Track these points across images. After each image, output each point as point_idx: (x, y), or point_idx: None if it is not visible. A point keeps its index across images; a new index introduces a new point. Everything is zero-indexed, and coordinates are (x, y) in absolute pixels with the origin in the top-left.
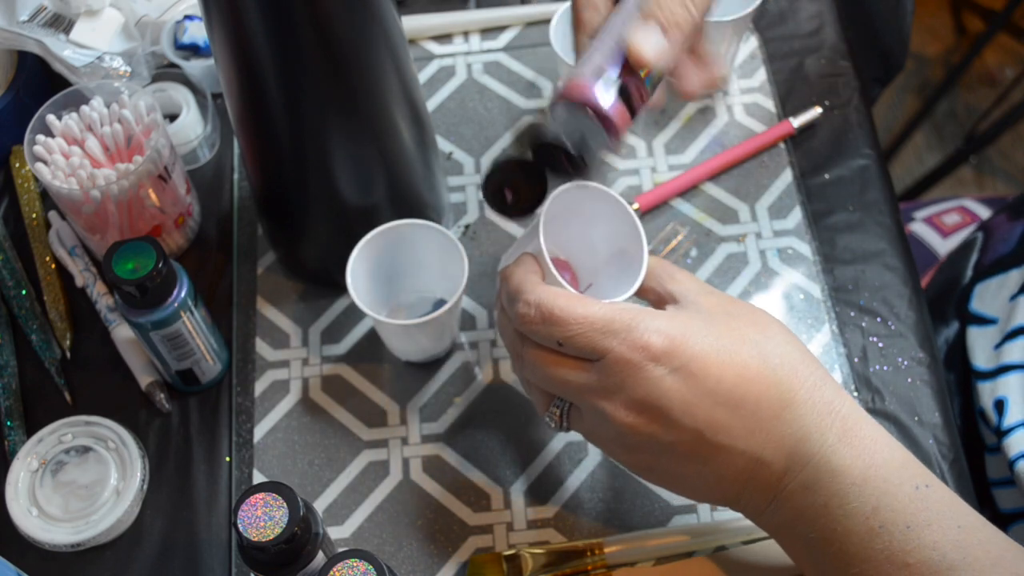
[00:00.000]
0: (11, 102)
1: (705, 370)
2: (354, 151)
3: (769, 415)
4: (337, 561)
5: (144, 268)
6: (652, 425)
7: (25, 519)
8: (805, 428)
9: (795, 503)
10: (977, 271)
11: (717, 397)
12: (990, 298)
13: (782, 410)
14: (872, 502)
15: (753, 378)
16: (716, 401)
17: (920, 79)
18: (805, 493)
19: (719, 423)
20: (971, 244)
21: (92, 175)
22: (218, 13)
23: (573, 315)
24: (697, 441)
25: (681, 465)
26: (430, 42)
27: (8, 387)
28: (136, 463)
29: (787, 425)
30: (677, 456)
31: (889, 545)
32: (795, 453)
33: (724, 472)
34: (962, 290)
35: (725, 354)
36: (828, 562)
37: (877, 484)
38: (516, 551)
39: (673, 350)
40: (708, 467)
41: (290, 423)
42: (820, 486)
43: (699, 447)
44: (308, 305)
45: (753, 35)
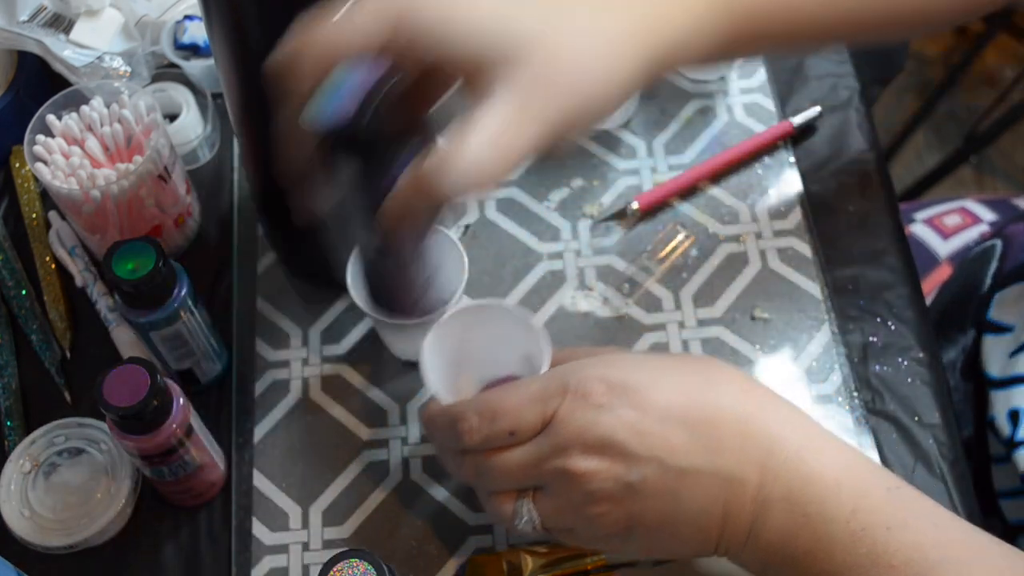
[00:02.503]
0: (11, 102)
1: (649, 399)
2: None
3: (730, 431)
4: (337, 561)
5: (144, 268)
6: (614, 466)
7: (17, 521)
8: (769, 438)
9: (776, 519)
10: (996, 280)
11: (669, 420)
12: (1008, 306)
13: (742, 424)
14: (850, 505)
15: (703, 400)
16: (670, 424)
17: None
18: (784, 505)
19: (677, 446)
20: (990, 252)
21: (92, 175)
22: (218, 13)
23: (512, 401)
24: (662, 471)
25: (657, 507)
26: None
27: (8, 387)
28: (128, 465)
29: (750, 438)
30: (649, 498)
31: (873, 548)
32: (766, 465)
33: (700, 502)
34: (980, 299)
35: (667, 382)
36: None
37: (852, 486)
38: (516, 551)
39: (612, 389)
40: (683, 502)
41: (290, 423)
42: (797, 495)
43: (665, 478)
44: (308, 305)
45: None
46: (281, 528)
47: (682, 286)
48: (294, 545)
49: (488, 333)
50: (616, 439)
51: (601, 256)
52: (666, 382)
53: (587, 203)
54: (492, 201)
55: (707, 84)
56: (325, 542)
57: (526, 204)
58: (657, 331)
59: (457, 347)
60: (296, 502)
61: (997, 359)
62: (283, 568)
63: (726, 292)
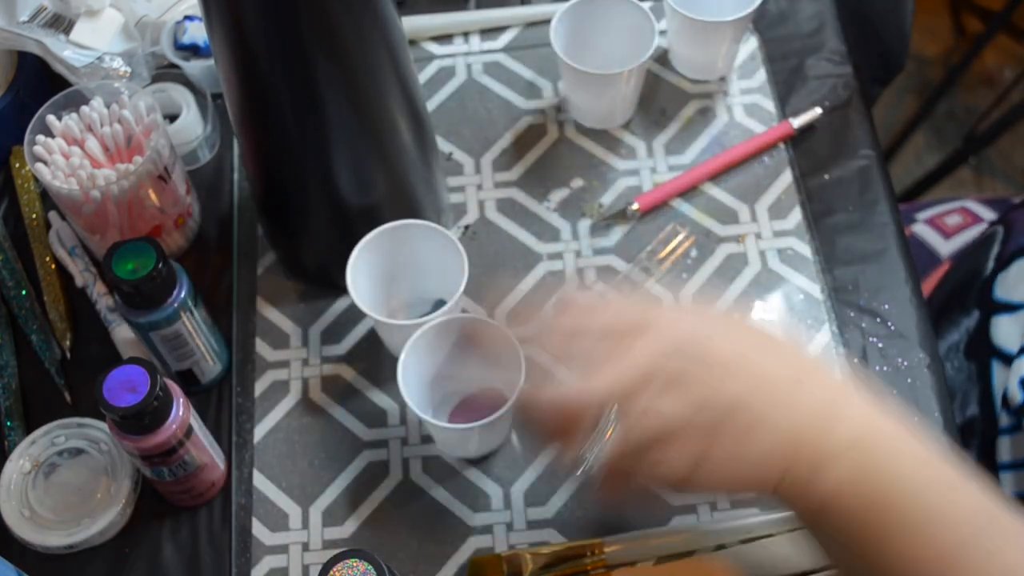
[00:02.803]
0: (11, 102)
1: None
2: (354, 151)
3: (799, 385)
4: (337, 561)
5: (144, 268)
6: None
7: (17, 521)
8: (835, 394)
9: (841, 469)
10: (999, 263)
11: (742, 373)
12: (1012, 284)
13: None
14: (914, 462)
15: (773, 355)
16: (742, 377)
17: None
18: (850, 457)
19: (749, 399)
20: (991, 237)
21: (92, 175)
22: (218, 13)
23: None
24: (732, 419)
25: (723, 450)
26: (430, 42)
27: (8, 387)
28: (127, 465)
29: (819, 390)
30: (717, 440)
31: (933, 503)
32: (833, 420)
33: (766, 449)
34: (984, 281)
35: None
36: (874, 528)
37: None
38: (516, 551)
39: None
40: (749, 448)
41: (290, 423)
42: (864, 448)
43: (735, 425)
44: (308, 305)
45: (753, 35)
46: (281, 528)
47: (682, 286)
48: (294, 545)
49: (466, 346)
50: (693, 382)
51: (601, 256)
52: (739, 335)
53: (587, 203)
54: (492, 201)
55: (707, 84)
56: (325, 542)
57: (526, 204)
58: None
59: (434, 360)
60: (296, 502)
61: (1008, 336)
62: (283, 568)
63: (726, 292)
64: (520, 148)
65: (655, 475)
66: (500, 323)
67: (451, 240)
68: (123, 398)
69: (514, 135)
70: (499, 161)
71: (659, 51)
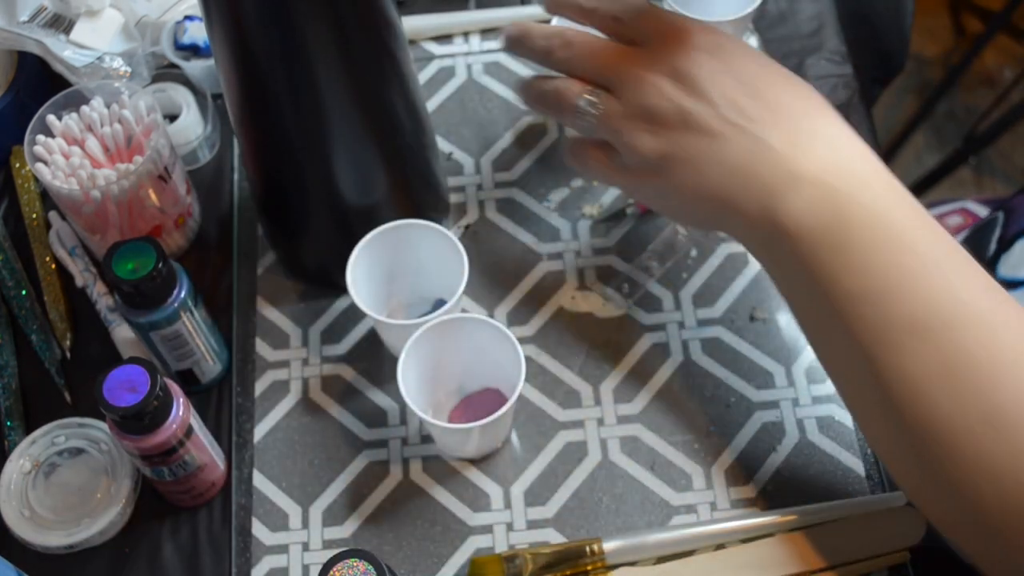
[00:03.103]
0: (11, 102)
1: (741, 64)
2: (354, 151)
3: (788, 113)
4: (337, 561)
5: (144, 268)
6: (680, 91)
7: (17, 521)
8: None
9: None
10: (1001, 243)
11: (745, 85)
12: (1016, 262)
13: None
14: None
15: (783, 86)
16: (742, 87)
17: (920, 79)
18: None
19: (738, 103)
20: (992, 223)
21: (92, 175)
22: (218, 13)
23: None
24: (714, 115)
25: (696, 142)
26: (430, 42)
27: (8, 387)
28: (127, 465)
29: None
30: (694, 131)
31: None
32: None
33: (733, 154)
34: (986, 262)
35: (762, 63)
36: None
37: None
38: (516, 551)
39: (718, 43)
40: (719, 146)
41: (290, 423)
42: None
43: (715, 121)
44: (308, 305)
45: (753, 35)
46: (281, 528)
47: (682, 286)
48: (294, 545)
49: (465, 346)
50: (695, 73)
51: (601, 256)
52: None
53: (587, 203)
54: (492, 201)
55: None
56: (325, 542)
57: (526, 204)
58: (657, 331)
59: (434, 360)
60: (296, 502)
61: None
62: (283, 568)
63: (726, 292)
64: (520, 148)
65: (633, 148)
66: (500, 323)
67: (451, 240)
68: (123, 398)
69: (514, 135)
70: (499, 161)
71: None
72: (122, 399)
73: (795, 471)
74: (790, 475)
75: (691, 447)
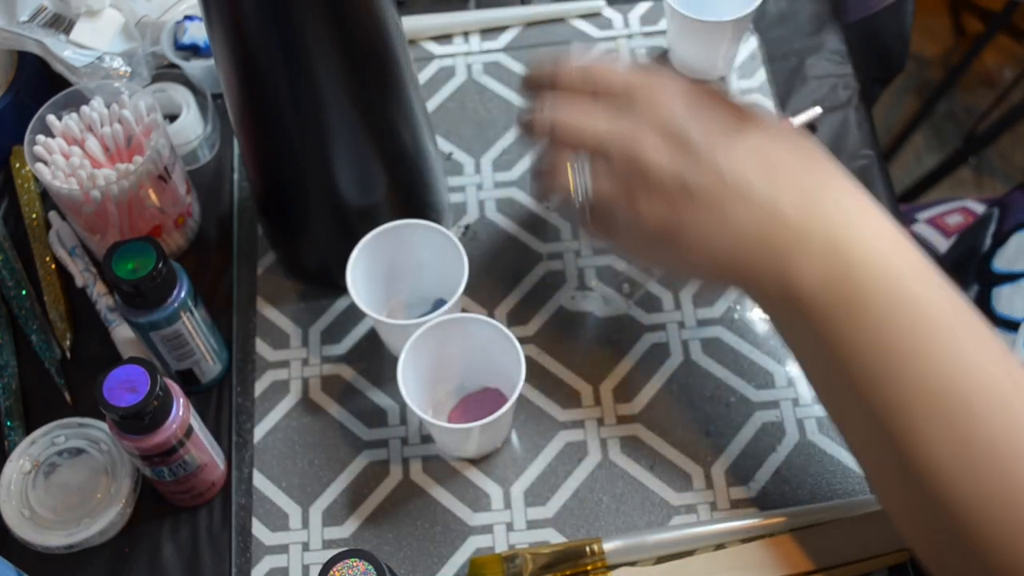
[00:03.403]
0: (11, 102)
1: (725, 116)
2: (354, 151)
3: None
4: (337, 561)
5: (144, 268)
6: (678, 158)
7: (17, 521)
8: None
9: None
10: (996, 238)
11: (741, 146)
12: (1012, 257)
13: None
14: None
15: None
16: (739, 149)
17: (920, 79)
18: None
19: (738, 168)
20: (988, 218)
21: (92, 175)
22: (218, 13)
23: (607, 67)
24: (718, 181)
25: (700, 212)
26: (430, 42)
27: (8, 387)
28: (127, 465)
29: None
30: (697, 201)
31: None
32: (815, 210)
33: (742, 221)
34: (982, 257)
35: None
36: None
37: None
38: (516, 551)
39: (694, 94)
40: (726, 215)
41: (290, 423)
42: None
43: (718, 189)
44: (308, 305)
45: (753, 35)
46: (281, 528)
47: (682, 286)
48: (294, 545)
49: (465, 346)
50: (684, 131)
51: (601, 256)
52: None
53: None
54: (492, 201)
55: (707, 85)
56: (325, 542)
57: (526, 204)
58: (657, 331)
59: (434, 360)
60: (296, 502)
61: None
62: (283, 568)
63: (726, 292)
64: (520, 148)
65: (632, 217)
66: (500, 323)
67: (451, 240)
68: (123, 398)
69: (514, 135)
70: (499, 161)
71: (659, 51)
72: (122, 399)
73: (795, 471)
74: (790, 475)
75: (691, 447)
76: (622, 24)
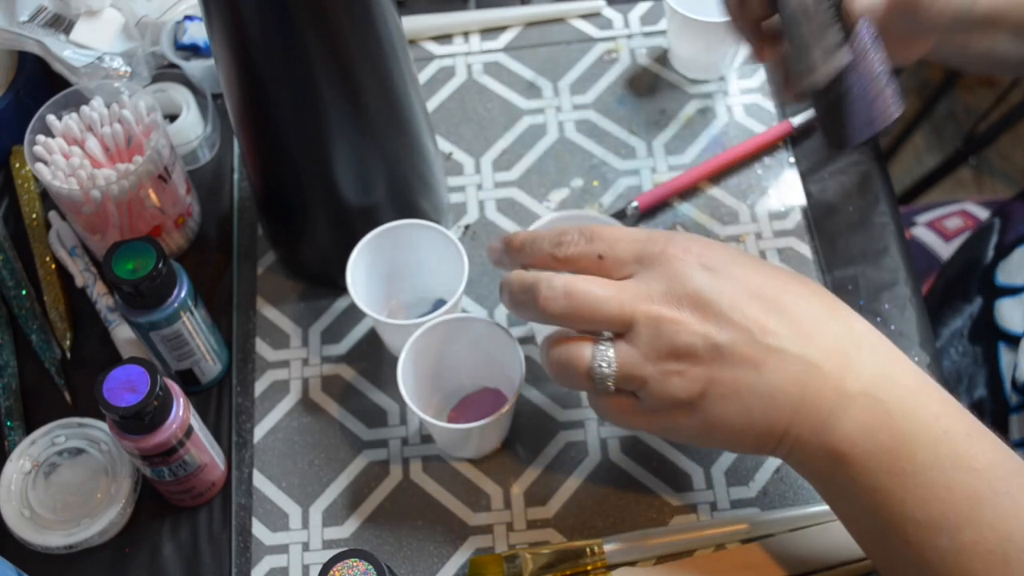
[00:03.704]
0: (11, 102)
1: (747, 277)
2: (354, 151)
3: (815, 322)
4: (337, 561)
5: (144, 268)
6: (706, 323)
7: (17, 521)
8: (854, 335)
9: (856, 413)
10: (999, 251)
11: (762, 300)
12: (1016, 269)
13: (828, 319)
14: (933, 409)
15: (794, 290)
16: (762, 304)
17: (920, 79)
18: (866, 400)
19: (768, 324)
20: (989, 228)
21: (92, 175)
22: (218, 13)
23: (612, 231)
24: (750, 342)
25: (736, 377)
26: (430, 42)
27: (8, 387)
28: (128, 465)
29: (836, 330)
30: (731, 365)
31: (955, 450)
32: (850, 359)
33: (779, 381)
34: (985, 268)
35: (761, 268)
36: (894, 476)
37: (933, 394)
38: (516, 551)
39: (714, 255)
40: (763, 377)
41: (290, 423)
42: (881, 392)
43: (752, 350)
44: (308, 305)
45: None
46: (281, 528)
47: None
48: (294, 545)
49: (465, 346)
50: (711, 297)
51: None
52: (761, 268)
53: (587, 203)
54: (492, 201)
55: (707, 84)
56: (325, 542)
57: (526, 204)
58: None
59: (434, 360)
60: (296, 502)
61: (1019, 316)
62: (283, 568)
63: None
64: (520, 148)
65: (666, 391)
66: (500, 323)
67: (451, 240)
68: (123, 398)
69: (514, 135)
70: (499, 161)
71: (659, 51)
72: (122, 399)
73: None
74: (790, 475)
75: (691, 447)
76: (622, 24)
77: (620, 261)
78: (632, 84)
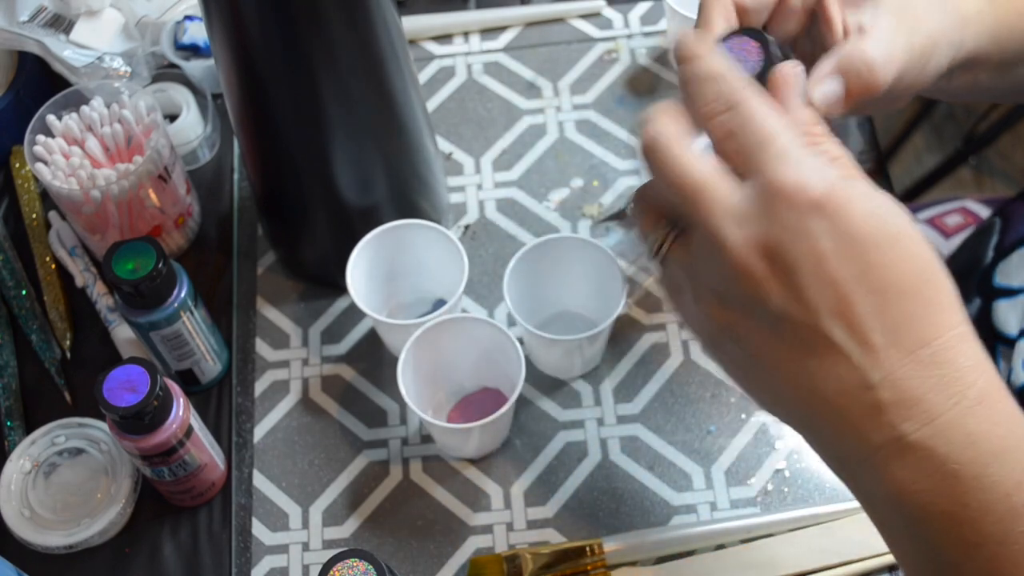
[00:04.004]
0: (11, 102)
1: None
2: (354, 151)
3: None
4: (337, 561)
5: (144, 268)
6: (770, 279)
7: (17, 521)
8: (942, 373)
9: (915, 463)
10: (998, 252)
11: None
12: (1014, 270)
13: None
14: (1016, 477)
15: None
16: (854, 277)
17: None
18: (930, 452)
19: (845, 309)
20: (990, 228)
21: (92, 175)
22: (218, 13)
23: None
24: (809, 325)
25: (776, 349)
26: (430, 42)
27: (8, 387)
28: (128, 465)
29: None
30: (777, 335)
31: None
32: (920, 400)
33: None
34: (984, 269)
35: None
36: (951, 541)
37: (1019, 458)
38: (516, 551)
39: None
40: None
41: (290, 423)
42: (952, 447)
43: (807, 332)
44: (308, 305)
45: None
46: (281, 528)
47: None
48: (294, 545)
49: (465, 346)
50: (791, 255)
51: None
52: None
53: (587, 203)
54: (492, 201)
55: None
56: (325, 542)
57: (526, 204)
58: (657, 331)
59: (434, 360)
60: (296, 502)
61: (1013, 319)
62: (283, 568)
63: None
64: (520, 148)
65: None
66: (500, 323)
67: (451, 240)
68: (123, 398)
69: (514, 135)
70: (499, 161)
71: (659, 51)
72: (122, 399)
73: (795, 471)
74: (790, 475)
75: (691, 447)
76: (622, 24)
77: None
78: (632, 84)
